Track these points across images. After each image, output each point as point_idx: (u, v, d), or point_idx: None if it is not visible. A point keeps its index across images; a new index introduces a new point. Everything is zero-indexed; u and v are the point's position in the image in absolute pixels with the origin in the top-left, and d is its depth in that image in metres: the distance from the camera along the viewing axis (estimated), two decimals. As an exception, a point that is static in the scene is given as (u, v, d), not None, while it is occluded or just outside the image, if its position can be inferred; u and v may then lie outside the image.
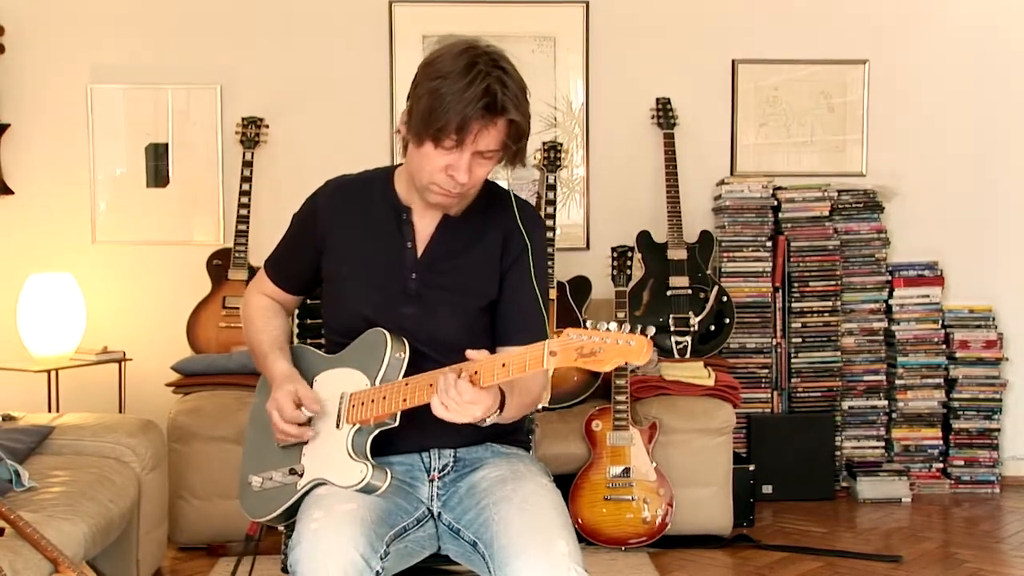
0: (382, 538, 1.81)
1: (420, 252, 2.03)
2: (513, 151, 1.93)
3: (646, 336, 1.62)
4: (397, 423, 1.90)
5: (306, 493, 1.91)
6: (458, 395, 1.75)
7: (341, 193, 2.10)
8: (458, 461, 2.02)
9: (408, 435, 1.95)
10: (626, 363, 1.64)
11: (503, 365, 1.74)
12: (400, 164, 2.08)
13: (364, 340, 1.98)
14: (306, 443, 1.96)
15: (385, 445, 1.93)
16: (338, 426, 1.92)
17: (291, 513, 1.94)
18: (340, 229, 2.06)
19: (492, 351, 1.87)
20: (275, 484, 1.96)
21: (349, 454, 1.88)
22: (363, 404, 1.90)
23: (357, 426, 1.90)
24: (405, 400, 1.85)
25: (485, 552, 1.84)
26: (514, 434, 2.09)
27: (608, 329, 1.64)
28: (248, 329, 2.16)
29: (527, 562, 1.74)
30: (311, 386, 2.02)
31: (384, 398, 1.87)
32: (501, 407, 1.85)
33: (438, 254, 2.03)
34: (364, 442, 1.90)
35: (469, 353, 1.78)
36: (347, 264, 2.05)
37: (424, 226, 2.04)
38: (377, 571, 1.76)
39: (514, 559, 1.76)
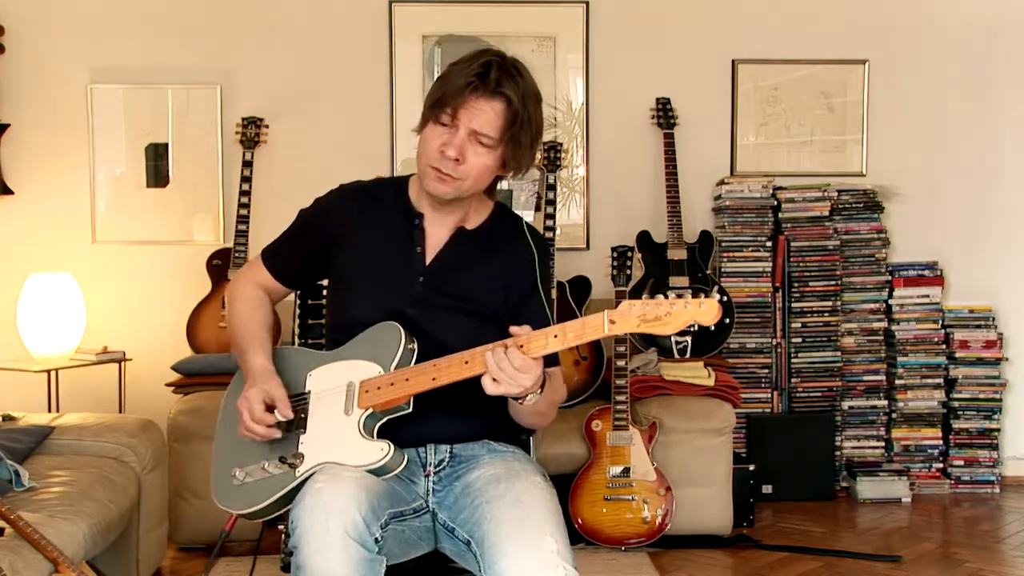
0: (384, 510, 1.82)
1: (429, 259, 2.07)
2: (509, 140, 1.95)
3: (715, 298, 1.66)
4: (411, 408, 1.91)
5: (305, 480, 1.88)
6: (510, 364, 1.77)
7: (354, 196, 2.14)
8: (454, 457, 2.03)
9: (406, 429, 1.95)
10: (693, 324, 1.67)
11: (555, 336, 1.78)
12: (414, 174, 2.12)
13: (372, 333, 1.99)
14: (303, 431, 1.95)
15: (383, 438, 1.93)
16: (347, 413, 1.92)
17: (285, 502, 1.91)
18: (351, 230, 2.09)
19: None
20: (264, 475, 1.93)
21: (363, 436, 1.88)
22: (379, 389, 1.90)
23: (369, 411, 1.90)
24: (435, 379, 1.86)
25: (476, 551, 1.85)
26: (511, 432, 2.10)
27: (670, 298, 1.68)
28: (231, 316, 2.17)
29: (515, 559, 1.75)
30: (306, 380, 2.02)
31: (407, 380, 1.88)
32: (541, 387, 1.87)
33: (446, 263, 2.07)
34: (373, 428, 1.91)
35: (513, 329, 1.82)
36: (356, 264, 2.08)
37: (435, 233, 2.08)
38: (376, 538, 1.76)
39: (502, 556, 1.76)
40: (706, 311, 1.66)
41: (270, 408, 1.95)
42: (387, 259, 2.07)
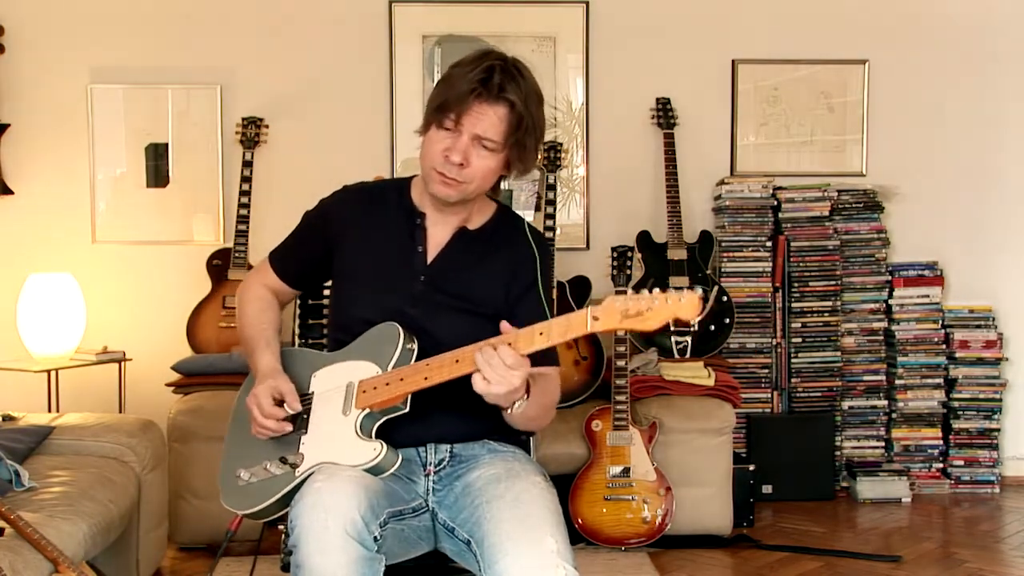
0: (383, 509, 1.82)
1: (431, 258, 2.08)
2: (513, 144, 1.96)
3: (696, 293, 1.63)
4: (408, 408, 1.92)
5: (305, 480, 1.89)
6: (500, 361, 1.76)
7: (356, 196, 2.16)
8: (454, 457, 2.04)
9: (406, 429, 1.96)
10: (673, 320, 1.65)
11: (541, 333, 1.77)
12: (417, 175, 2.13)
13: (373, 334, 2.00)
14: (304, 432, 1.96)
15: (383, 439, 1.93)
16: (345, 413, 1.92)
17: (286, 502, 1.91)
18: (353, 230, 2.10)
19: None
20: (267, 475, 1.95)
21: (359, 436, 1.89)
22: (375, 388, 1.91)
23: (366, 411, 1.91)
24: (427, 378, 1.86)
25: (476, 550, 1.85)
26: (511, 432, 2.09)
27: (652, 292, 1.66)
28: (241, 318, 2.20)
29: (515, 559, 1.75)
30: (310, 381, 2.03)
31: (402, 379, 1.89)
32: (527, 393, 1.87)
33: (448, 262, 2.07)
34: (371, 428, 1.91)
35: (503, 326, 1.82)
36: (357, 264, 2.09)
37: (437, 233, 2.09)
38: (375, 537, 1.77)
39: (503, 556, 1.77)
40: (686, 305, 1.64)
41: (280, 403, 1.97)
42: (388, 258, 2.08)
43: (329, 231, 2.12)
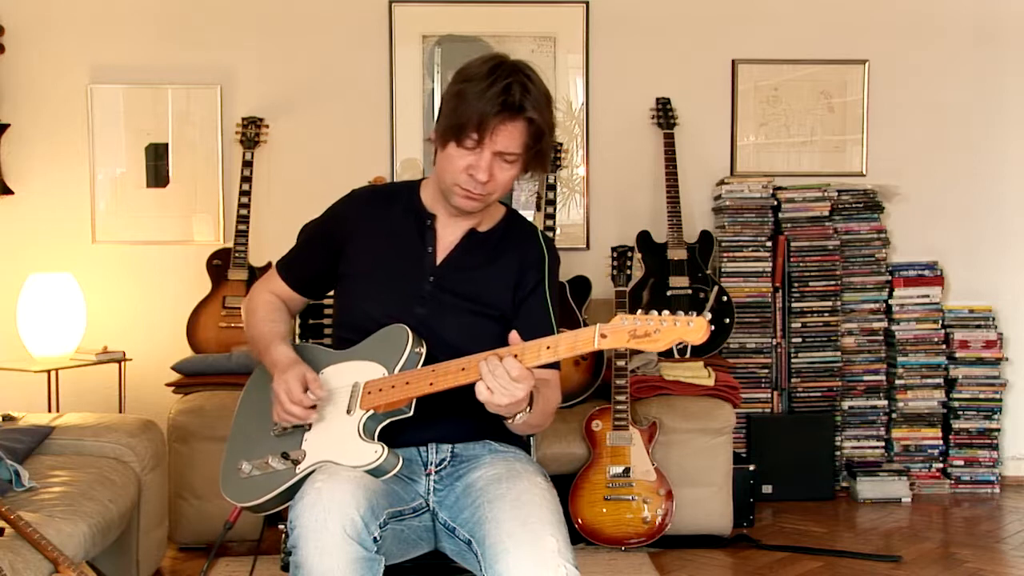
0: (383, 510, 1.83)
1: (439, 259, 2.09)
2: (533, 154, 1.98)
3: (705, 318, 1.67)
4: (412, 412, 1.92)
5: (306, 477, 1.89)
6: (505, 373, 1.77)
7: (366, 199, 2.18)
8: (455, 457, 2.04)
9: (408, 429, 1.96)
10: (680, 343, 1.68)
11: (548, 347, 1.78)
12: (426, 178, 2.16)
13: (382, 335, 2.00)
14: (308, 429, 1.96)
15: (385, 438, 1.93)
16: (349, 412, 1.93)
17: (286, 497, 1.92)
18: (362, 231, 2.11)
19: None
20: (268, 470, 1.95)
21: (360, 437, 1.89)
22: (381, 391, 1.92)
23: (370, 412, 1.91)
24: (432, 384, 1.87)
25: (478, 550, 1.86)
26: (512, 432, 2.09)
27: (661, 314, 1.68)
28: (250, 320, 2.19)
29: (517, 559, 1.76)
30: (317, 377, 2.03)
31: (407, 383, 1.89)
32: (530, 404, 1.87)
33: (456, 264, 2.09)
34: (375, 429, 1.92)
35: (511, 337, 1.83)
36: (365, 263, 2.10)
37: (447, 235, 2.11)
38: (374, 537, 1.77)
39: (504, 555, 1.77)
40: (694, 330, 1.67)
41: (305, 391, 1.97)
42: (397, 259, 2.09)
43: (337, 234, 2.13)
